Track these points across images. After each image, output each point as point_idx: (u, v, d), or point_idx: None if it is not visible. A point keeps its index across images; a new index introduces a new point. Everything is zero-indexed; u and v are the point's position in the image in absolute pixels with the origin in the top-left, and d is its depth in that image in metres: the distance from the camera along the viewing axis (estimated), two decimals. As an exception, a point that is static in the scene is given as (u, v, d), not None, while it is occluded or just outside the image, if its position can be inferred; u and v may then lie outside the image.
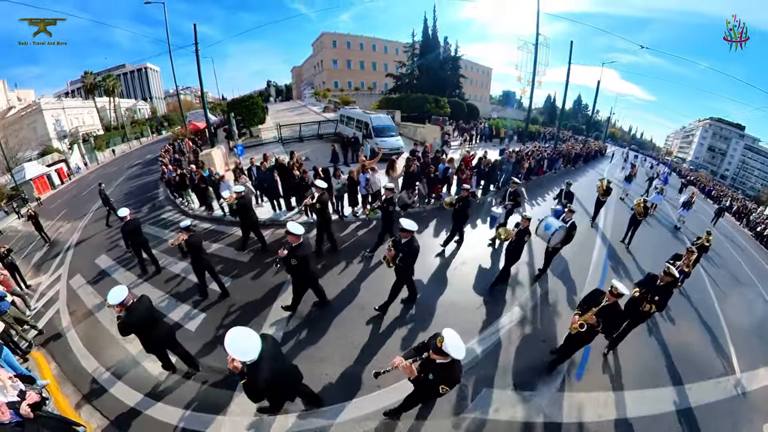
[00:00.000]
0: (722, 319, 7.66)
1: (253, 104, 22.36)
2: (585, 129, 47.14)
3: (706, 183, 35.93)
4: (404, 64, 37.56)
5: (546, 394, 4.83)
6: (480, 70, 52.61)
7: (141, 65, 45.16)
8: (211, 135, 19.24)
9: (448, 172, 10.96)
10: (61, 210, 16.82)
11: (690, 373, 5.77)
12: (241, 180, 9.88)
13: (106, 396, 4.86)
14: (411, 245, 5.05)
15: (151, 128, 42.12)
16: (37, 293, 8.41)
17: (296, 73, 57.95)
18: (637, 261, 9.33)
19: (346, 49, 44.31)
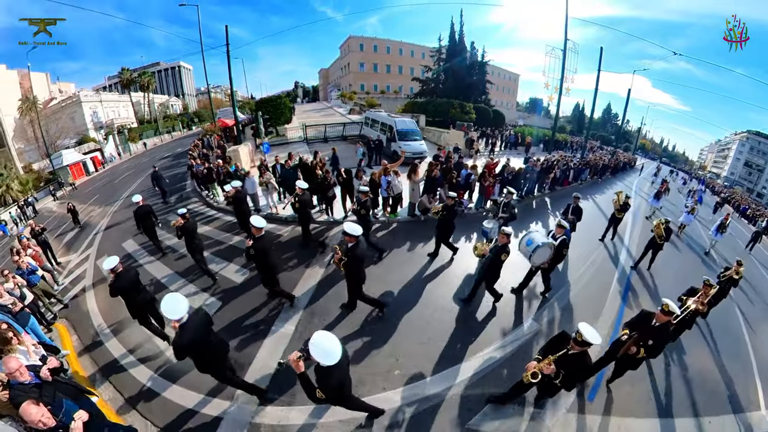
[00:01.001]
0: (751, 352, 7.09)
1: (280, 104, 22.91)
2: (614, 139, 45.40)
3: (741, 201, 33.62)
4: (430, 68, 37.56)
5: (555, 414, 4.64)
6: (507, 76, 51.90)
7: (175, 63, 47.16)
8: (238, 132, 19.82)
9: (471, 178, 10.84)
10: (93, 195, 17.78)
11: (711, 405, 5.41)
12: (265, 176, 10.11)
13: (120, 371, 5.14)
14: (354, 250, 4.92)
15: (182, 123, 43.97)
16: (66, 270, 8.99)
17: (323, 75, 58.97)
18: (650, 291, 8.31)
19: (373, 53, 44.77)
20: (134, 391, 4.75)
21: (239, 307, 6.35)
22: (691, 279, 7.46)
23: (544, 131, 31.29)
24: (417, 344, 5.52)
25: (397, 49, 45.86)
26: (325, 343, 2.90)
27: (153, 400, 4.62)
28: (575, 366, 3.46)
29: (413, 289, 6.95)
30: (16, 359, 3.36)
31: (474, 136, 20.44)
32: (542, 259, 6.20)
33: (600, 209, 14.85)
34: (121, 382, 4.93)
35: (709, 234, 12.60)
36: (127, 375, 5.05)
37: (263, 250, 5.33)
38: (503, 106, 44.72)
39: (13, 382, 3.20)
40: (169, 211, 12.20)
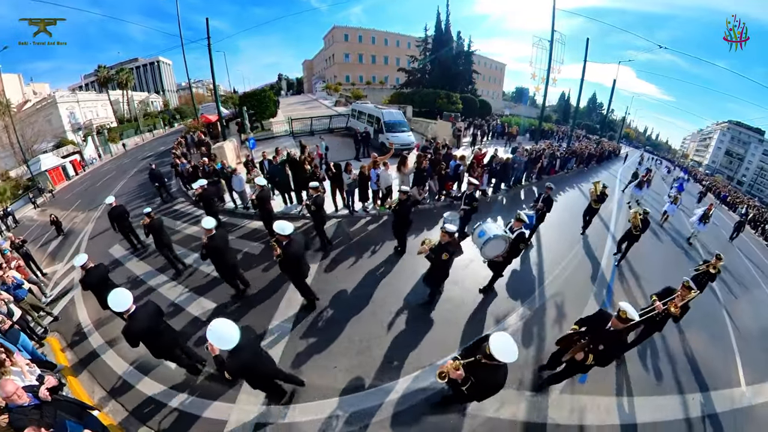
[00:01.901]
0: (732, 334, 7.55)
1: (265, 98, 22.51)
2: (599, 128, 46.27)
3: (722, 188, 34.97)
4: (416, 58, 37.44)
5: (549, 396, 4.86)
6: (493, 65, 52.05)
7: (153, 59, 45.92)
8: (222, 128, 19.46)
9: (459, 169, 10.94)
10: (75, 201, 17.30)
11: (695, 383, 5.75)
12: (253, 173, 10.02)
13: (119, 382, 5.06)
14: (288, 249, 4.95)
15: (163, 121, 42.88)
16: (53, 281, 8.73)
17: (307, 67, 58.12)
18: (633, 283, 8.17)
19: (358, 43, 44.31)
20: (136, 402, 4.72)
21: (235, 306, 6.35)
22: (673, 270, 7.87)
23: (531, 121, 31.60)
24: (413, 335, 5.64)
25: (383, 40, 45.47)
26: (220, 329, 3.21)
27: (155, 408, 4.60)
28: (480, 376, 3.15)
29: (406, 278, 7.09)
30: (11, 382, 3.25)
31: (461, 127, 20.53)
32: (495, 252, 5.86)
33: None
34: (120, 393, 4.88)
35: (691, 221, 12.46)
36: (126, 384, 5.00)
37: (215, 249, 5.66)
38: (490, 95, 44.92)
39: (12, 405, 3.11)
40: (170, 210, 11.98)
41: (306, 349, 5.35)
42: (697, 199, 21.67)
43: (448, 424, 4.34)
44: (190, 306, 6.52)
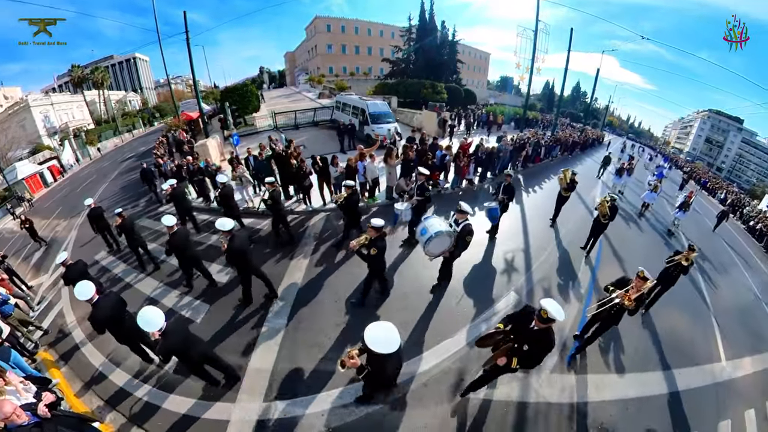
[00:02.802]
0: (712, 313, 8.02)
1: (247, 92, 22.17)
2: (583, 116, 46.98)
3: (702, 175, 36.24)
4: (400, 48, 37.16)
5: (540, 376, 5.09)
6: (478, 55, 52.03)
7: (129, 55, 44.41)
8: (204, 125, 19.16)
9: (446, 159, 11.07)
10: (56, 208, 16.79)
11: (678, 359, 6.10)
12: (238, 170, 9.96)
13: (116, 390, 5.00)
14: (231, 243, 5.26)
15: (142, 120, 41.72)
16: (39, 294, 8.43)
17: (289, 59, 57.13)
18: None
19: (341, 34, 43.70)
20: (135, 409, 4.70)
21: (227, 307, 6.36)
22: (654, 259, 7.83)
23: (516, 109, 31.91)
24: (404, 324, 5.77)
25: (366, 30, 44.94)
26: (146, 314, 3.72)
27: (156, 414, 4.60)
28: (372, 370, 3.22)
29: (397, 268, 7.25)
30: (8, 402, 3.20)
31: (447, 116, 20.63)
32: (440, 249, 5.73)
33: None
34: (118, 401, 4.85)
35: (672, 214, 12.34)
36: (123, 392, 4.97)
37: (177, 246, 6.05)
38: (474, 85, 45.01)
39: (11, 425, 3.07)
40: (158, 210, 11.72)
41: (304, 341, 5.44)
42: (679, 186, 21.92)
43: (444, 408, 4.51)
44: (184, 308, 6.54)
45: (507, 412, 4.58)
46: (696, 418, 5.09)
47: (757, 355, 7.14)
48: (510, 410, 4.60)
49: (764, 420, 5.58)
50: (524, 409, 4.63)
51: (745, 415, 5.51)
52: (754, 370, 6.69)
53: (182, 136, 19.00)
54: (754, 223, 21.15)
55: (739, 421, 5.38)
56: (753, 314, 9.04)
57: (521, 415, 4.57)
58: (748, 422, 5.42)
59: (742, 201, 26.59)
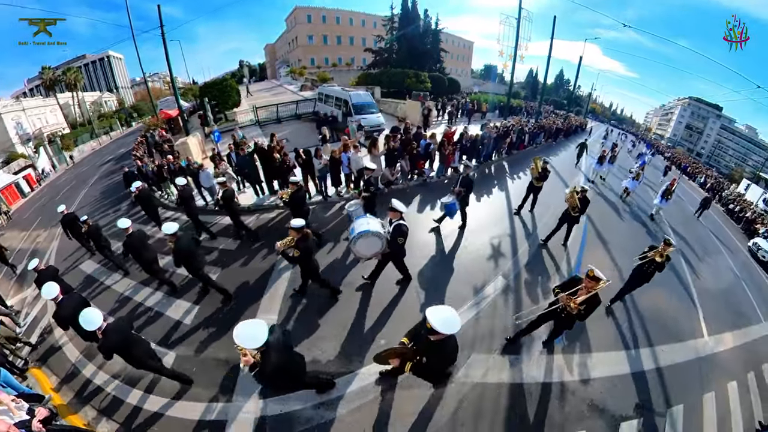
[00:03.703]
0: (694, 292, 8.40)
1: (226, 87, 21.78)
2: (566, 104, 47.67)
3: (683, 160, 37.49)
4: (383, 38, 36.82)
5: (529, 357, 5.27)
6: (461, 43, 51.89)
7: (103, 54, 42.88)
8: (184, 122, 18.81)
9: (430, 147, 11.13)
10: (35, 219, 16.15)
11: (663, 336, 6.39)
12: (221, 167, 9.85)
13: (112, 400, 4.92)
14: (176, 245, 5.48)
15: (120, 121, 40.52)
16: (24, 309, 8.09)
17: (269, 51, 56.05)
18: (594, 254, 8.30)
19: (322, 24, 42.98)
20: (133, 417, 4.63)
21: (214, 306, 6.33)
22: (634, 249, 7.81)
23: (499, 97, 32.05)
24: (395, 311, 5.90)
25: (347, 19, 44.29)
26: (86, 314, 3.79)
27: (156, 421, 4.55)
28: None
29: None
30: (2, 421, 3.20)
31: (431, 106, 20.66)
32: (372, 251, 5.51)
33: (555, 172, 15.80)
34: (114, 410, 4.77)
35: (654, 202, 12.11)
36: (118, 401, 4.90)
37: (132, 246, 6.25)
38: (458, 73, 44.99)
39: None
40: (142, 214, 11.31)
41: (296, 336, 5.38)
42: (662, 173, 22.03)
43: (438, 393, 4.63)
44: (169, 308, 6.51)
45: (499, 394, 4.72)
46: (682, 392, 5.37)
47: (737, 331, 7.58)
48: (502, 392, 4.75)
49: (746, 391, 5.96)
50: (516, 391, 4.79)
51: (728, 387, 5.85)
52: (735, 344, 7.11)
53: (162, 135, 18.65)
54: (733, 207, 22.07)
55: (723, 392, 5.70)
56: (733, 293, 9.52)
57: (513, 396, 4.73)
58: (731, 393, 5.76)
59: (721, 185, 27.61)
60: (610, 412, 4.73)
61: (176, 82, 20.40)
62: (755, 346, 7.38)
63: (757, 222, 19.48)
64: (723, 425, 5.14)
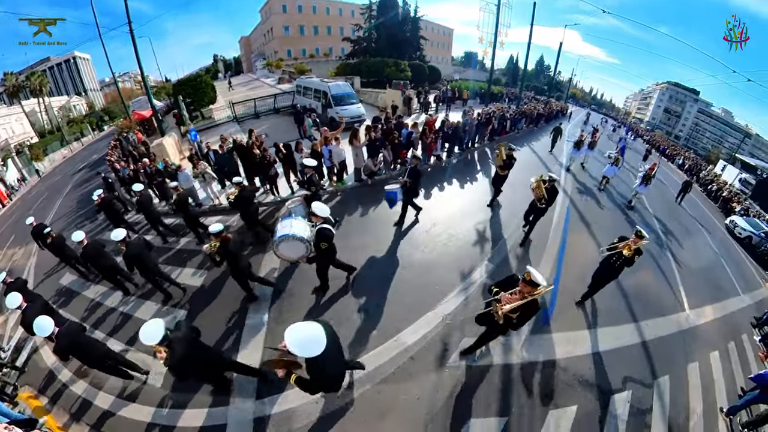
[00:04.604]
0: (674, 268, 8.81)
1: (201, 83, 21.26)
2: (547, 89, 48.43)
3: (662, 142, 38.69)
4: (361, 26, 36.41)
5: (520, 338, 5.46)
6: (441, 31, 51.85)
7: (68, 55, 41.25)
8: (159, 123, 18.37)
9: (412, 136, 11.21)
10: (9, 236, 15.46)
11: (646, 311, 6.71)
12: (199, 167, 9.74)
13: (106, 416, 4.82)
14: (127, 251, 5.71)
15: (91, 125, 39.13)
16: (7, 332, 7.66)
17: (245, 44, 55.01)
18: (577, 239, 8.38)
19: (298, 14, 42.26)
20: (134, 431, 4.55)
21: (208, 308, 6.28)
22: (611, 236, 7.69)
23: (480, 84, 32.27)
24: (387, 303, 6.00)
25: (324, 8, 43.64)
26: (38, 322, 4.02)
27: (149, 430, 4.50)
28: None
29: (369, 252, 7.34)
30: None
31: (412, 94, 20.70)
32: (296, 254, 5.45)
33: (537, 155, 16.13)
34: (114, 428, 4.66)
35: (633, 188, 11.88)
36: (109, 414, 4.79)
37: (89, 257, 6.39)
38: (438, 61, 44.99)
39: None
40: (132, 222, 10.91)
41: None
42: (643, 157, 22.00)
43: (432, 378, 4.77)
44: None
45: (493, 375, 4.88)
46: (667, 364, 5.67)
47: (717, 304, 8.02)
48: (494, 374, 4.91)
49: (727, 360, 6.32)
50: (508, 371, 4.96)
51: (710, 357, 6.20)
52: (715, 316, 7.52)
53: (138, 137, 18.19)
54: (711, 187, 23.09)
55: (706, 362, 6.05)
56: (712, 269, 10.00)
57: (506, 376, 4.90)
58: (714, 363, 6.11)
59: (699, 166, 28.71)
60: (600, 386, 4.96)
61: (148, 81, 19.85)
62: (734, 318, 7.82)
63: (733, 201, 20.42)
64: (707, 393, 5.44)
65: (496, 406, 4.51)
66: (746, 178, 28.61)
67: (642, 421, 4.69)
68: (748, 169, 31.35)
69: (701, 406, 5.19)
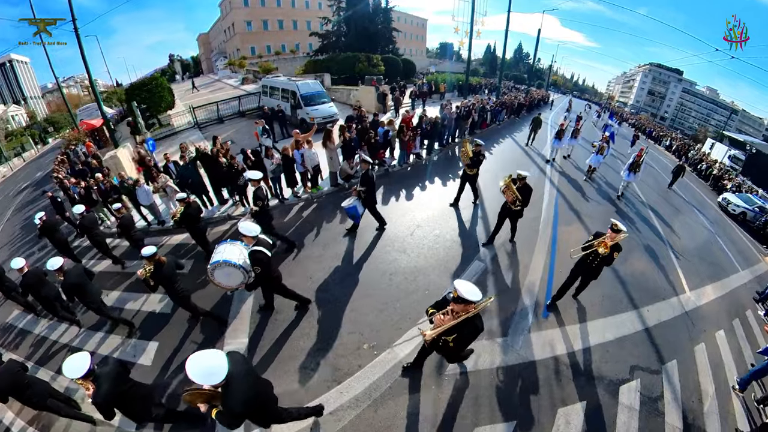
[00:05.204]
0: (670, 252, 9.21)
1: (157, 87, 20.71)
2: (527, 78, 49.76)
3: (647, 125, 40.30)
4: (329, 19, 36.32)
5: (518, 337, 5.58)
6: (414, 21, 52.53)
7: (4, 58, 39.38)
8: (111, 132, 17.74)
9: (389, 135, 11.27)
10: None
11: (646, 297, 7.02)
12: (160, 181, 9.46)
13: None
14: (64, 281, 5.59)
15: (33, 138, 37.41)
16: None
17: (204, 42, 54.10)
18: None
19: (261, 7, 41.86)
20: None
21: (175, 339, 5.95)
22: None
23: (458, 76, 32.83)
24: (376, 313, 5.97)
25: (289, 1, 43.44)
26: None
27: None
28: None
29: (354, 260, 7.36)
30: None
31: (386, 90, 20.82)
32: (234, 282, 5.25)
33: (519, 146, 16.49)
34: None
35: (622, 177, 11.94)
36: None
37: (29, 286, 6.13)
38: (413, 54, 45.55)
39: None
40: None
41: (272, 358, 5.27)
42: (631, 142, 22.33)
43: (431, 389, 4.77)
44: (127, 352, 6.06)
45: (494, 379, 4.95)
46: (673, 348, 5.92)
47: (717, 282, 8.49)
48: (497, 376, 4.98)
49: (734, 338, 6.69)
50: (510, 373, 5.04)
51: (716, 336, 6.54)
52: (717, 295, 7.96)
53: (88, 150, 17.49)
54: (701, 166, 24.33)
55: (712, 342, 6.37)
56: (708, 248, 10.56)
57: (509, 378, 4.97)
58: (720, 342, 6.45)
59: (687, 146, 30.11)
60: (607, 378, 5.13)
61: (97, 86, 19.17)
62: (736, 295, 8.32)
63: (724, 178, 21.66)
64: (718, 373, 5.73)
65: (502, 411, 4.56)
66: (735, 154, 29.94)
67: (654, 408, 4.86)
68: (736, 145, 32.86)
69: (713, 387, 5.43)
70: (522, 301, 6.41)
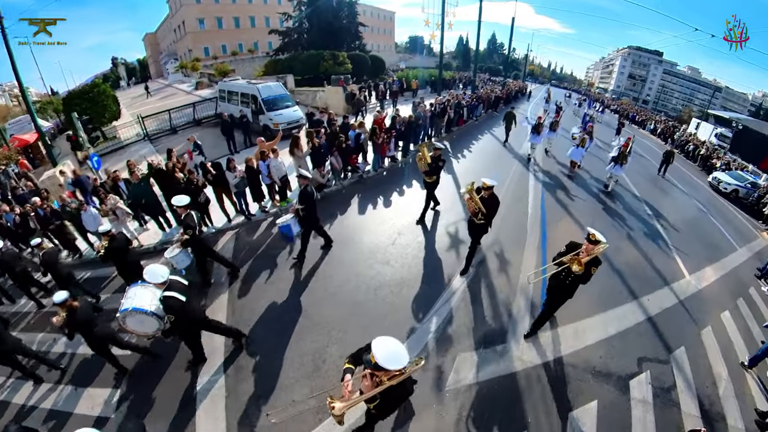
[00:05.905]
0: (666, 237, 9.65)
1: (99, 94, 19.92)
2: (503, 69, 51.21)
3: (630, 109, 42.15)
4: (290, 15, 36.22)
5: (517, 343, 5.67)
6: (381, 15, 53.12)
7: None
8: (48, 148, 16.93)
9: (361, 138, 11.28)
10: None
11: (645, 286, 7.30)
12: (108, 202, 9.08)
13: None
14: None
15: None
16: None
17: (151, 43, 52.75)
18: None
19: (214, 4, 41.14)
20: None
21: (150, 379, 5.52)
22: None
23: (430, 71, 33.40)
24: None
25: (245, -4, 43.03)
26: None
27: None
28: None
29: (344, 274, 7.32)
30: None
31: (354, 89, 20.91)
32: (150, 329, 5.08)
33: (499, 141, 16.83)
34: None
35: (607, 170, 11.91)
36: None
37: None
38: (381, 49, 46.02)
39: None
40: None
41: (250, 395, 5.04)
42: (616, 131, 22.17)
43: (434, 407, 4.75)
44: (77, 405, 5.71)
45: (499, 388, 5.00)
46: (679, 335, 6.17)
47: (716, 263, 8.97)
48: (501, 386, 5.03)
49: (740, 317, 7.04)
50: (515, 380, 5.12)
51: (721, 318, 6.86)
52: (717, 276, 8.39)
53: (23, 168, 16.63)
54: (688, 147, 25.57)
55: (719, 324, 6.69)
56: (703, 229, 11.13)
57: (514, 385, 5.05)
58: (726, 323, 6.77)
59: (672, 128, 31.67)
60: (615, 374, 5.29)
61: (29, 95, 18.30)
62: (737, 274, 8.79)
63: (713, 157, 22.82)
64: (728, 354, 6.00)
65: (511, 421, 4.62)
66: (722, 132, 31.58)
67: (668, 399, 5.04)
68: (722, 123, 34.61)
69: (725, 370, 5.68)
70: (517, 303, 6.53)
